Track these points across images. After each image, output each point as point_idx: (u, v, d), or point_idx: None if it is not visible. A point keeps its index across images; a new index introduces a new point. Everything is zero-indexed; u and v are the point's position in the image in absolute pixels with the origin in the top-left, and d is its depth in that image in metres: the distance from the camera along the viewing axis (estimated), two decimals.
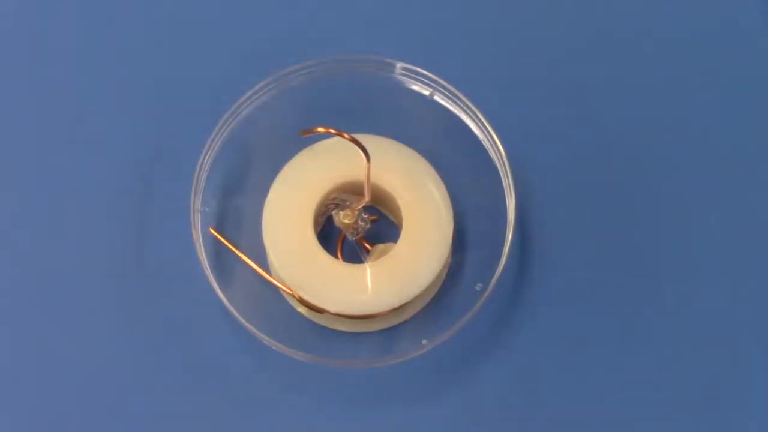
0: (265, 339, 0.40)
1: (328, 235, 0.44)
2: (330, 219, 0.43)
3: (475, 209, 0.44)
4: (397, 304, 0.41)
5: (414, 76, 0.44)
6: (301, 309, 0.42)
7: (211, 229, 0.42)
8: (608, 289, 0.44)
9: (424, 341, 0.41)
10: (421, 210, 0.42)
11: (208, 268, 0.41)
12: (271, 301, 0.43)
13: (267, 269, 0.42)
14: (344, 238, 0.43)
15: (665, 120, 0.47)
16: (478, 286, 0.42)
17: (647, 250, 0.45)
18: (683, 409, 0.43)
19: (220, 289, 0.41)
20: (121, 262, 0.44)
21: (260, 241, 0.42)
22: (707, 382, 0.44)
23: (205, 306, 0.43)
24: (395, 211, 0.42)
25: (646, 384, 0.43)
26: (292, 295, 0.41)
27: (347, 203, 0.42)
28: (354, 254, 0.44)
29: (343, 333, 0.43)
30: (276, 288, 0.42)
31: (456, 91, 0.43)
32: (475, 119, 0.43)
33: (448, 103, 0.43)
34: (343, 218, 0.42)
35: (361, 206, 0.42)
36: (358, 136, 0.40)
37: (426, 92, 0.43)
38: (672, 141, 0.47)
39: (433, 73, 0.44)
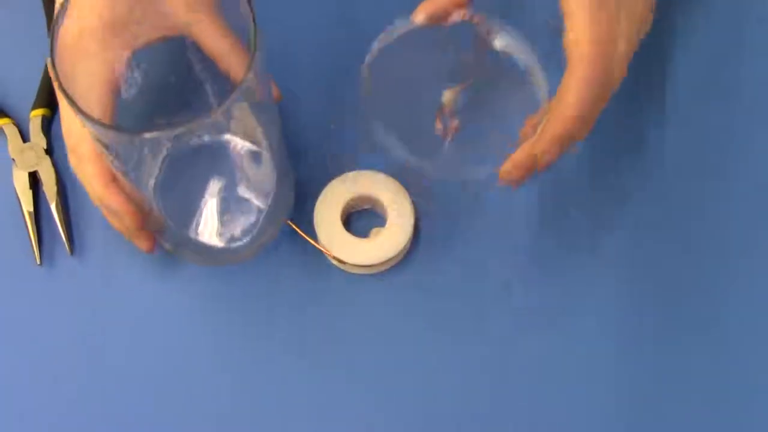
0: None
1: (348, 223, 0.56)
2: (350, 215, 0.55)
3: (424, 214, 0.56)
4: (383, 260, 0.54)
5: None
6: (335, 262, 0.54)
7: (288, 221, 0.55)
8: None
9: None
10: (397, 212, 0.55)
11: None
12: (320, 258, 0.55)
13: (318, 242, 0.54)
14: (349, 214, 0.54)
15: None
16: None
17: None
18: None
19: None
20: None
21: (313, 227, 0.54)
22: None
23: (293, 260, 0.55)
24: (384, 211, 0.55)
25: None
26: (330, 255, 0.54)
27: (362, 207, 0.55)
28: (362, 233, 0.55)
29: (355, 275, 0.55)
30: (322, 252, 0.54)
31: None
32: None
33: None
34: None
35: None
36: (368, 173, 0.55)
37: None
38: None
39: None
